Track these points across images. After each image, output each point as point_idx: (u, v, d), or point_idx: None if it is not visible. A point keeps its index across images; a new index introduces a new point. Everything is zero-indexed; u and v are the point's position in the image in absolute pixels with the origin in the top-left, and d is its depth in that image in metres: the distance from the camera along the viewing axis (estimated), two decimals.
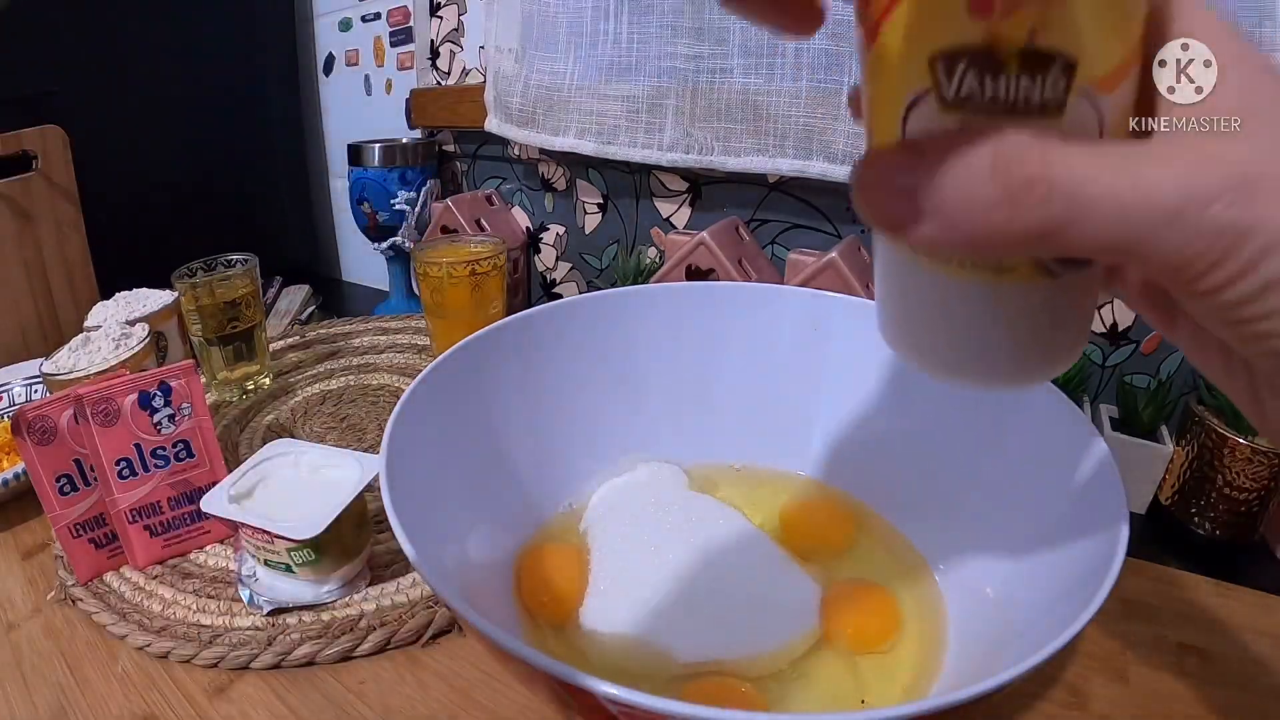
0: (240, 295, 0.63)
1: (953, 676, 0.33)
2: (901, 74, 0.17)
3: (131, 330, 0.57)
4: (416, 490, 0.33)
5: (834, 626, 0.36)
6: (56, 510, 0.44)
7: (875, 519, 0.43)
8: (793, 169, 0.62)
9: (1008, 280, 0.18)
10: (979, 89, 0.16)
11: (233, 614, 0.42)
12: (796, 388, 0.45)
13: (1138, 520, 0.51)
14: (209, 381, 0.65)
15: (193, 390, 0.46)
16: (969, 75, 0.16)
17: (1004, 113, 0.16)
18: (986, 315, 0.19)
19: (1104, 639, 0.39)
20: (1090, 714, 0.36)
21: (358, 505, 0.42)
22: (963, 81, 0.16)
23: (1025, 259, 0.18)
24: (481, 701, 0.37)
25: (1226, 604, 0.42)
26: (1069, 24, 0.15)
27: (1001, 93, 0.16)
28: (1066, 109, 0.16)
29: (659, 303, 0.46)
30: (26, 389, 0.64)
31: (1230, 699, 0.36)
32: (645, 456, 0.46)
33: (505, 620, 0.36)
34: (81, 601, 0.44)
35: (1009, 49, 0.15)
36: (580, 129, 0.72)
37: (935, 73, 0.16)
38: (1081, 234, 0.15)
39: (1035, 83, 0.15)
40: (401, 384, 0.67)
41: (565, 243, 0.85)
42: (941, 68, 0.16)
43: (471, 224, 0.81)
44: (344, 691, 0.38)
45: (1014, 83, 0.15)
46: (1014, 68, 0.15)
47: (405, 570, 0.45)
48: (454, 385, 0.39)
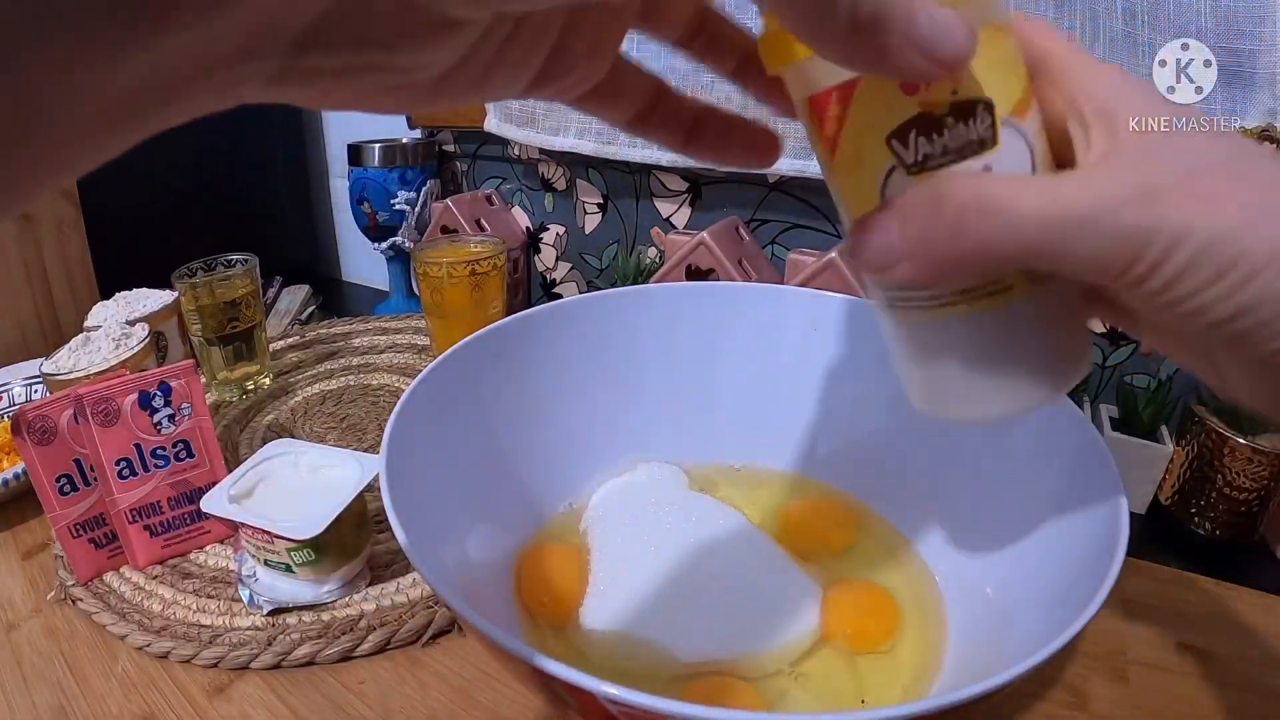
0: (240, 295, 0.63)
1: (953, 676, 0.33)
2: (868, 162, 0.21)
3: (131, 330, 0.57)
4: (416, 490, 0.33)
5: (834, 626, 0.36)
6: (56, 510, 0.44)
7: (875, 519, 0.43)
8: (793, 169, 0.62)
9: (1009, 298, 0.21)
10: (931, 147, 0.20)
11: (233, 614, 0.42)
12: (796, 388, 0.45)
13: (1138, 520, 0.51)
14: (209, 381, 0.65)
15: (193, 390, 0.46)
16: (919, 141, 0.20)
17: (955, 158, 0.20)
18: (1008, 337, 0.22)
19: (1104, 639, 0.39)
20: (1090, 714, 0.36)
21: (358, 505, 0.42)
22: (917, 147, 0.20)
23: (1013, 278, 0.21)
24: (481, 701, 0.37)
25: (1226, 604, 0.42)
26: (975, 77, 0.20)
27: (948, 143, 0.20)
28: (999, 138, 0.20)
29: (659, 303, 0.46)
30: (26, 389, 0.64)
31: (1230, 699, 0.36)
32: (645, 456, 0.46)
33: (505, 620, 0.36)
34: (81, 601, 0.44)
35: (941, 109, 0.20)
36: (580, 128, 0.72)
37: (895, 150, 0.20)
38: (1016, 245, 0.19)
39: (970, 126, 0.20)
40: (401, 384, 0.67)
41: (565, 243, 0.85)
42: (898, 144, 0.20)
43: (471, 224, 0.81)
44: (344, 691, 0.38)
45: (952, 134, 0.20)
46: (949, 123, 0.20)
47: (405, 570, 0.45)
48: (454, 385, 0.39)
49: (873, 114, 0.20)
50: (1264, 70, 0.45)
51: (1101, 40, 0.49)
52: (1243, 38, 0.45)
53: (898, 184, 0.20)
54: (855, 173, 0.21)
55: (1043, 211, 0.18)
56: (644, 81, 0.23)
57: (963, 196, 0.19)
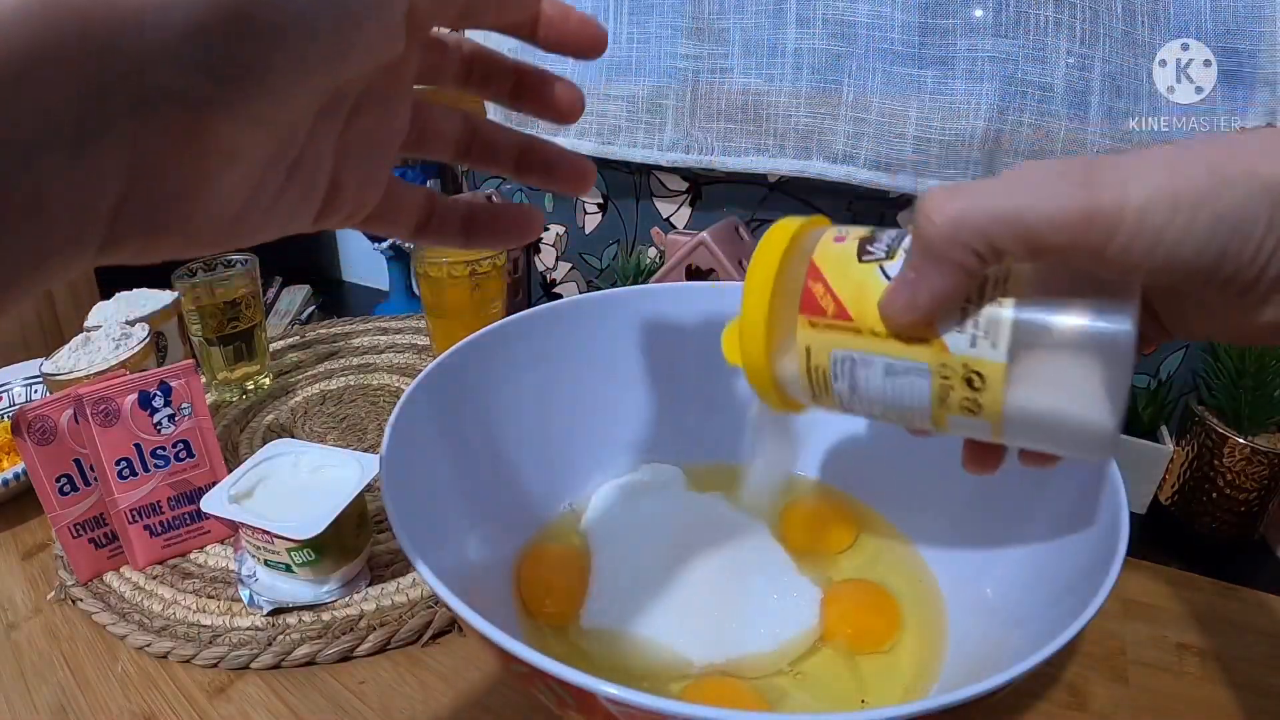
0: (240, 295, 0.63)
1: (953, 676, 0.33)
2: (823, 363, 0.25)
3: (131, 330, 0.57)
4: (416, 490, 0.33)
5: (834, 626, 0.36)
6: (56, 510, 0.44)
7: (876, 519, 0.43)
8: (793, 169, 0.62)
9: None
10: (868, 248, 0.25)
11: (233, 614, 0.42)
12: None
13: (1138, 520, 0.51)
14: (209, 381, 0.65)
15: (193, 390, 0.46)
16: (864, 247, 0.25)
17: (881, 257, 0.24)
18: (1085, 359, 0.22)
19: (1104, 639, 0.39)
20: (1090, 714, 0.36)
21: (358, 505, 0.42)
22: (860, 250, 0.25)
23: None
24: (481, 701, 0.37)
25: (1226, 604, 0.42)
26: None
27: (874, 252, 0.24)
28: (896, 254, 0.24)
29: (659, 303, 0.46)
30: (26, 389, 0.64)
31: (1230, 699, 0.36)
32: (645, 457, 0.46)
33: (505, 620, 0.36)
34: (81, 601, 0.44)
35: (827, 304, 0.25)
36: (580, 129, 0.72)
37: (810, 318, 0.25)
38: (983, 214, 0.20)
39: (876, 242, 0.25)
40: (401, 384, 0.67)
41: (565, 243, 0.85)
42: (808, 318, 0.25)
43: None
44: (344, 691, 0.38)
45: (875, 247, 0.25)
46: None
47: (405, 570, 0.45)
48: (454, 385, 0.39)
49: (821, 341, 0.25)
50: (1264, 70, 0.45)
51: (1101, 40, 0.49)
52: (1243, 38, 0.45)
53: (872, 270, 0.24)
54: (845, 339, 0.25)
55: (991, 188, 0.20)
56: (416, 196, 0.26)
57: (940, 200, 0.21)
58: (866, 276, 0.24)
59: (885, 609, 0.37)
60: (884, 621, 0.37)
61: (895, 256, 0.24)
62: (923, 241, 0.22)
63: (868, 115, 0.58)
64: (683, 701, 0.21)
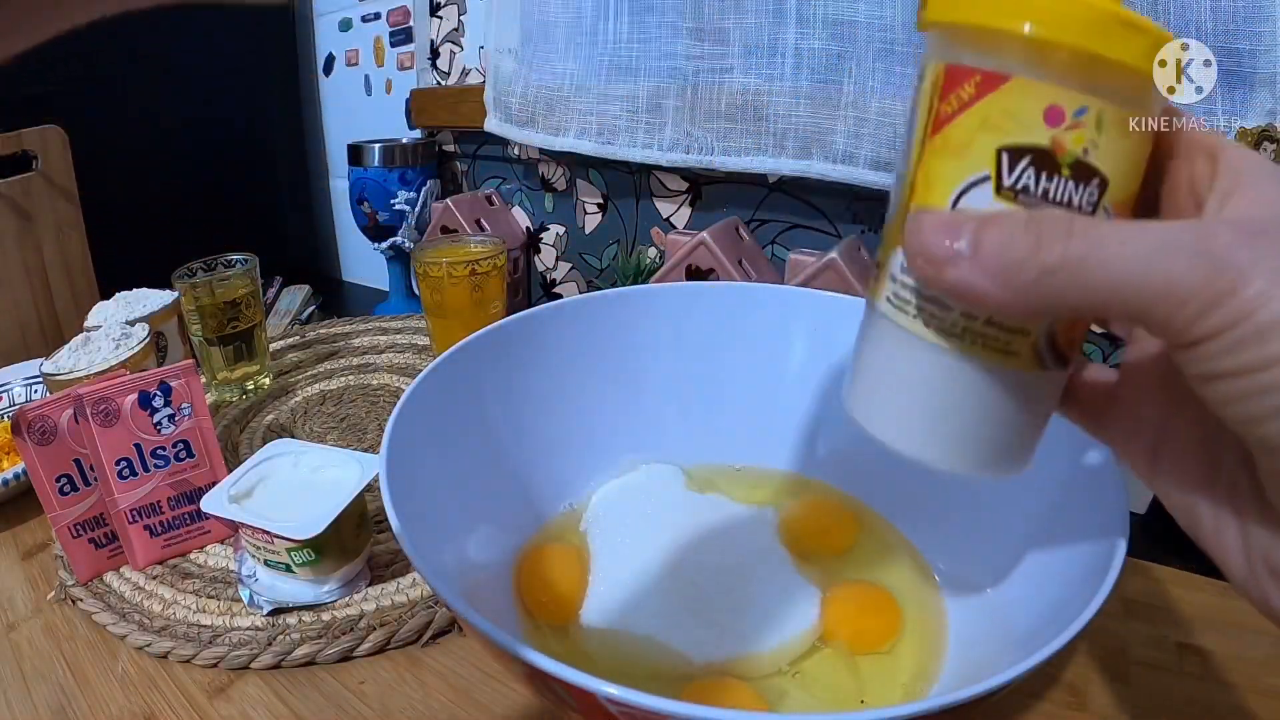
0: (240, 295, 0.63)
1: (953, 676, 0.33)
2: (966, 159, 0.20)
3: (131, 330, 0.57)
4: (416, 490, 0.33)
5: (834, 626, 0.36)
6: (56, 510, 0.44)
7: (876, 519, 0.43)
8: (793, 169, 0.62)
9: (1007, 364, 0.20)
10: (1033, 183, 0.19)
11: (233, 614, 0.42)
12: (797, 388, 0.45)
13: (1138, 520, 0.51)
14: (209, 381, 0.65)
15: (193, 390, 0.46)
16: (1027, 170, 0.19)
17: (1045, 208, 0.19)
18: (976, 395, 0.21)
19: (1104, 639, 0.39)
20: (1090, 714, 0.36)
21: (358, 505, 0.42)
22: (1021, 174, 0.19)
23: (1027, 342, 0.20)
24: (481, 701, 0.37)
25: (1226, 604, 0.42)
26: (1111, 152, 0.19)
27: (1050, 190, 0.19)
28: (1095, 216, 0.19)
29: (659, 303, 0.46)
30: (26, 389, 0.64)
31: (1230, 699, 0.36)
32: (645, 457, 0.46)
33: (505, 620, 0.36)
34: (81, 601, 0.44)
35: (1065, 157, 0.19)
36: (580, 129, 0.72)
37: (999, 163, 0.19)
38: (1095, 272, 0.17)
39: (1077, 189, 0.19)
40: (401, 384, 0.67)
41: (565, 243, 0.85)
42: (1006, 159, 0.19)
43: (471, 224, 0.81)
44: (344, 691, 0.38)
45: (1061, 184, 0.19)
46: (1065, 173, 0.19)
47: (405, 570, 0.45)
48: (454, 385, 0.39)
49: (1001, 118, 0.19)
50: (1264, 70, 0.45)
51: None
52: (1243, 38, 0.45)
53: (978, 196, 0.19)
54: (945, 161, 0.20)
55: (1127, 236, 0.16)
56: None
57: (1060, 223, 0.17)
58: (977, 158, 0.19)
59: (885, 609, 0.37)
60: (884, 622, 0.36)
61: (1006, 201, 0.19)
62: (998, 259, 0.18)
63: (868, 115, 0.58)
64: (683, 701, 0.21)
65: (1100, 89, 0.18)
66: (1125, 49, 0.18)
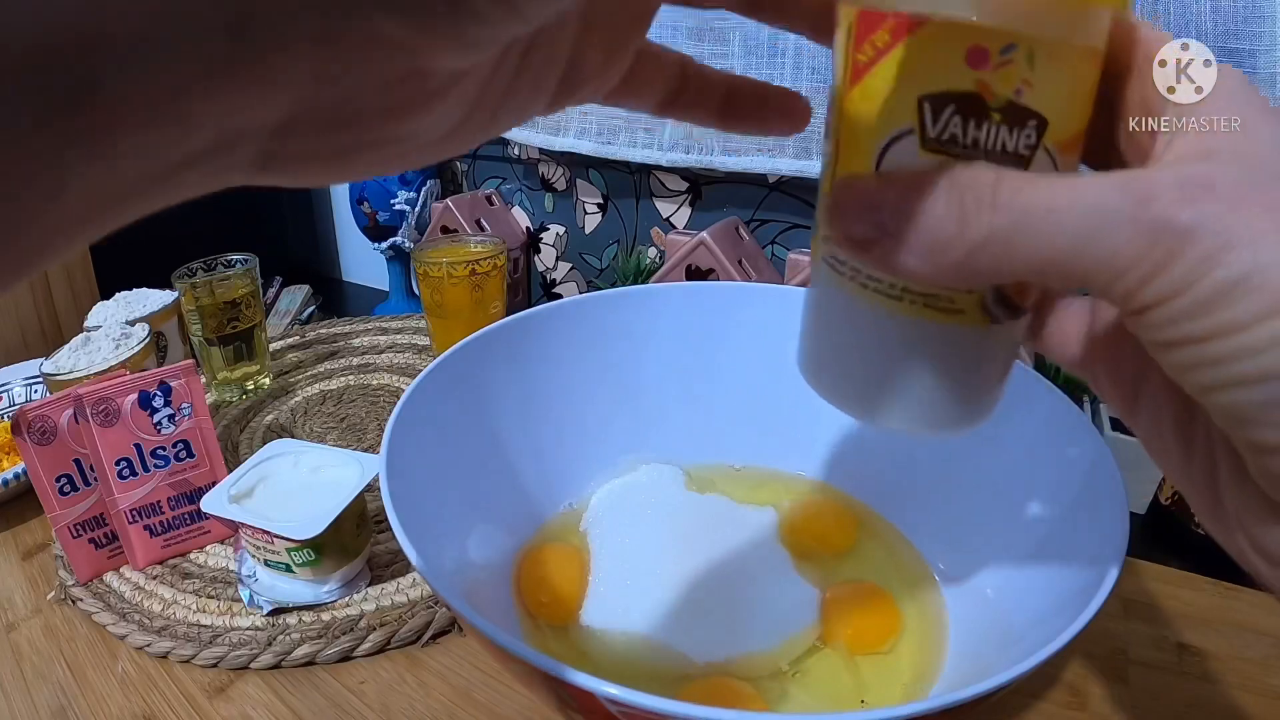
0: (240, 295, 0.63)
1: (953, 676, 0.33)
2: (886, 112, 0.18)
3: (131, 330, 0.57)
4: (416, 490, 0.33)
5: (834, 627, 0.36)
6: (56, 510, 0.44)
7: (876, 519, 0.43)
8: (793, 169, 0.62)
9: (952, 321, 0.19)
10: (960, 133, 0.17)
11: (233, 614, 0.42)
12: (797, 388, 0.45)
13: (1138, 520, 0.51)
14: (209, 381, 0.65)
15: (193, 390, 0.46)
16: (953, 119, 0.17)
17: (979, 157, 0.17)
18: (924, 355, 0.20)
19: (1104, 639, 0.39)
20: (1090, 714, 0.36)
21: (358, 505, 0.42)
22: (946, 125, 0.17)
23: (972, 299, 0.19)
24: (481, 701, 0.37)
25: (1226, 604, 0.42)
26: (1048, 89, 0.17)
27: (980, 139, 0.17)
28: (1031, 164, 0.17)
29: (659, 303, 0.46)
30: (26, 389, 0.64)
31: (1230, 699, 0.36)
32: (645, 457, 0.46)
33: (505, 620, 0.36)
34: (81, 601, 0.44)
35: (995, 101, 0.17)
36: (580, 129, 0.72)
37: (922, 114, 0.17)
38: (1023, 245, 0.16)
39: (1011, 134, 0.17)
40: (401, 384, 0.67)
41: (565, 243, 0.85)
42: (929, 109, 0.17)
43: (471, 224, 0.81)
44: (344, 691, 0.38)
45: (993, 131, 0.17)
46: (995, 118, 0.17)
47: (405, 570, 0.45)
48: (454, 385, 0.39)
49: (921, 64, 0.17)
50: (1264, 70, 0.45)
51: None
52: (1243, 38, 0.45)
53: (904, 151, 0.18)
54: (865, 114, 0.18)
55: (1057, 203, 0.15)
56: (666, 65, 0.22)
57: (983, 187, 0.16)
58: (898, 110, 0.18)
59: (885, 609, 0.37)
60: (884, 621, 0.37)
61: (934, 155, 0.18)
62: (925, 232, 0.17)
63: None
64: (683, 701, 0.21)
65: (1029, 20, 0.16)
66: None
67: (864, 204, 0.17)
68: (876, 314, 0.20)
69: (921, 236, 0.16)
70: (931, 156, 0.17)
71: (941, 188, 0.16)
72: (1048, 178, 0.16)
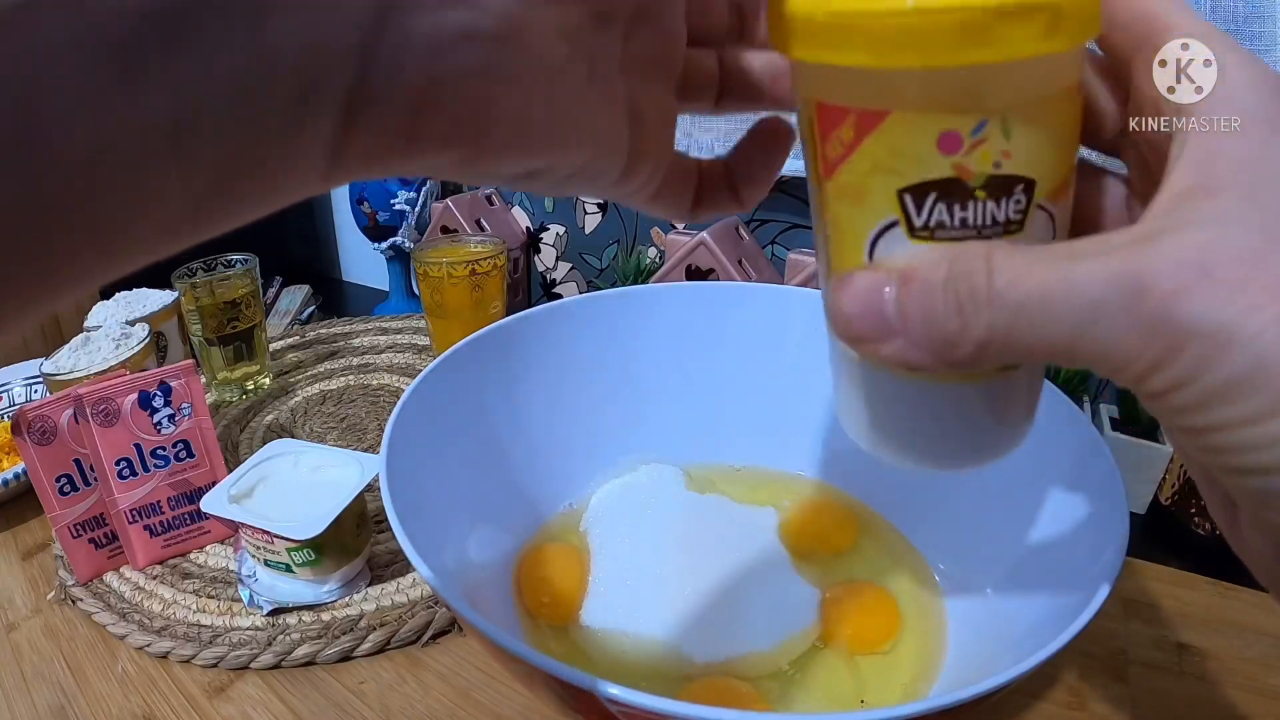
0: (240, 295, 0.63)
1: (953, 676, 0.33)
2: (868, 207, 0.17)
3: (131, 330, 0.57)
4: (416, 490, 0.33)
5: (834, 627, 0.36)
6: (56, 510, 0.44)
7: (876, 519, 0.43)
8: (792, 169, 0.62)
9: (981, 380, 0.19)
10: (947, 218, 0.17)
11: (233, 614, 0.42)
12: (797, 388, 0.45)
13: (1138, 520, 0.51)
14: (209, 381, 0.65)
15: (193, 390, 0.46)
16: (937, 206, 0.17)
17: (972, 235, 0.17)
18: (964, 410, 0.20)
19: (1104, 639, 0.39)
20: (1090, 714, 0.36)
21: (358, 505, 0.42)
22: (931, 212, 0.17)
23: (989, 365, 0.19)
24: (481, 701, 0.37)
25: (1226, 604, 0.42)
26: (1029, 151, 0.16)
27: (968, 218, 0.17)
28: (1026, 224, 0.17)
29: (659, 303, 0.46)
30: (26, 389, 0.64)
31: (1230, 699, 0.36)
32: (645, 457, 0.46)
33: (505, 620, 0.36)
34: (81, 601, 0.44)
35: (975, 180, 0.16)
36: None
37: (904, 206, 0.17)
38: (1025, 337, 0.15)
39: (1000, 205, 0.16)
40: (401, 384, 0.67)
41: (565, 243, 0.85)
42: (910, 201, 0.17)
43: (471, 224, 0.81)
44: (344, 691, 0.38)
45: (979, 208, 0.16)
46: (980, 195, 0.16)
47: (405, 570, 0.45)
48: (454, 385, 0.39)
49: (892, 158, 0.16)
50: None
51: None
52: (1243, 38, 0.45)
53: (893, 239, 0.17)
54: (848, 208, 0.18)
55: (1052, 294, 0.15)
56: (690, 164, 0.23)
57: (978, 276, 0.15)
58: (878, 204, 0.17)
59: (885, 609, 0.37)
60: (883, 621, 0.37)
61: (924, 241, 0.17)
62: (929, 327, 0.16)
63: None
64: (683, 701, 0.21)
65: (996, 95, 0.16)
66: (1015, 43, 0.15)
67: (864, 301, 0.17)
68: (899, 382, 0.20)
69: (926, 334, 0.16)
70: (922, 244, 0.17)
71: (937, 283, 0.16)
72: (1044, 257, 0.15)
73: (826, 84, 0.17)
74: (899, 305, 0.16)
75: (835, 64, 0.16)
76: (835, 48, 0.16)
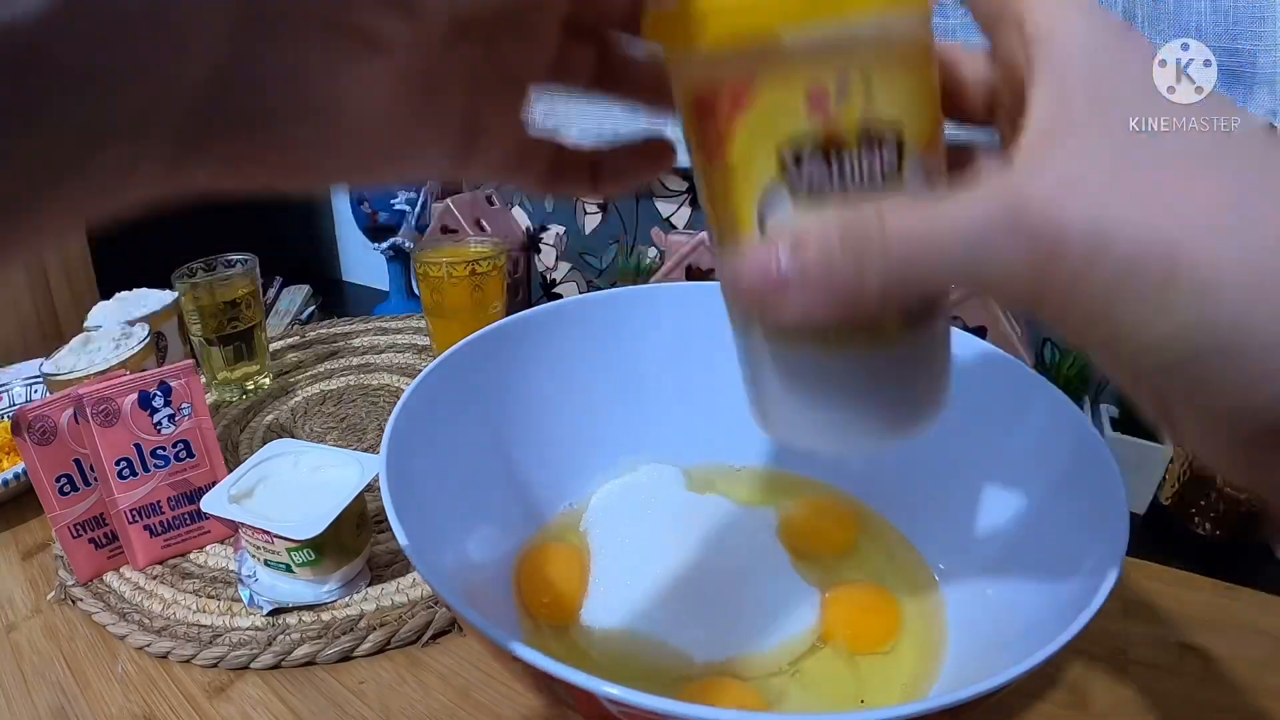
0: (240, 295, 0.63)
1: (953, 676, 0.33)
2: (753, 179, 0.18)
3: (131, 330, 0.57)
4: (416, 490, 0.33)
5: (834, 627, 0.36)
6: (56, 510, 0.44)
7: (876, 519, 0.43)
8: None
9: (879, 342, 0.20)
10: (828, 175, 0.18)
11: (233, 614, 0.42)
12: None
13: (1138, 520, 0.51)
14: (209, 381, 0.65)
15: (193, 390, 0.46)
16: (815, 163, 0.18)
17: (852, 190, 0.18)
18: (866, 380, 0.20)
19: (1104, 639, 0.39)
20: (1090, 714, 0.36)
21: (358, 505, 0.42)
22: (809, 170, 0.18)
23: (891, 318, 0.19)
24: (481, 701, 0.37)
25: (1226, 604, 0.42)
26: (894, 99, 0.17)
27: (845, 169, 0.18)
28: (903, 177, 0.18)
29: (659, 303, 0.46)
30: (26, 389, 0.64)
31: (1230, 699, 0.36)
32: (645, 457, 0.46)
33: (505, 620, 0.36)
34: (81, 601, 0.44)
35: (848, 132, 0.17)
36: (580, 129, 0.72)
37: (786, 169, 0.18)
38: (924, 275, 0.16)
39: (874, 154, 0.18)
40: (401, 384, 0.67)
41: (565, 243, 0.85)
42: (790, 161, 0.18)
43: (471, 224, 0.81)
44: (344, 691, 0.38)
45: (854, 159, 0.17)
46: (853, 146, 0.17)
47: (405, 570, 0.45)
48: (454, 385, 0.39)
49: (767, 123, 0.18)
50: (1264, 70, 0.45)
51: None
52: (1243, 38, 0.45)
53: (780, 206, 0.18)
54: (733, 186, 0.19)
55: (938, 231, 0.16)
56: (544, 144, 0.23)
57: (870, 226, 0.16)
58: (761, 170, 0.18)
59: (885, 609, 0.37)
60: (883, 622, 0.37)
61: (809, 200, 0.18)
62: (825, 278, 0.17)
63: None
64: (682, 701, 0.21)
65: (854, 45, 0.17)
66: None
67: (761, 270, 0.17)
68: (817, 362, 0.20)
69: (828, 290, 0.17)
70: (804, 204, 0.18)
71: (833, 239, 0.17)
72: (929, 200, 0.16)
73: (694, 66, 0.18)
74: (799, 265, 0.17)
75: (698, 43, 0.17)
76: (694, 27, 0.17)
